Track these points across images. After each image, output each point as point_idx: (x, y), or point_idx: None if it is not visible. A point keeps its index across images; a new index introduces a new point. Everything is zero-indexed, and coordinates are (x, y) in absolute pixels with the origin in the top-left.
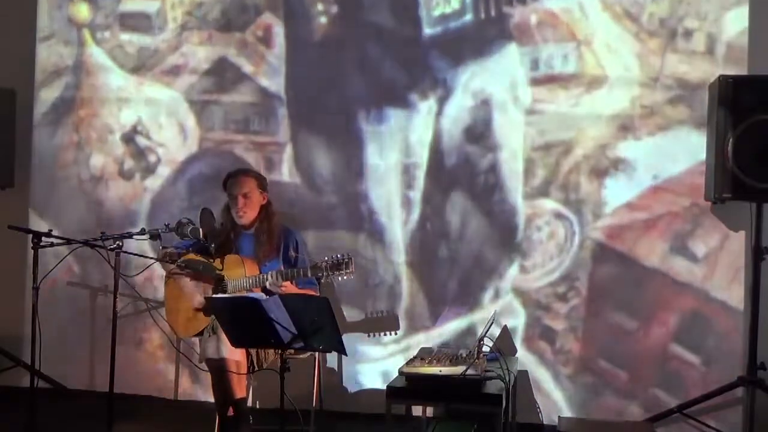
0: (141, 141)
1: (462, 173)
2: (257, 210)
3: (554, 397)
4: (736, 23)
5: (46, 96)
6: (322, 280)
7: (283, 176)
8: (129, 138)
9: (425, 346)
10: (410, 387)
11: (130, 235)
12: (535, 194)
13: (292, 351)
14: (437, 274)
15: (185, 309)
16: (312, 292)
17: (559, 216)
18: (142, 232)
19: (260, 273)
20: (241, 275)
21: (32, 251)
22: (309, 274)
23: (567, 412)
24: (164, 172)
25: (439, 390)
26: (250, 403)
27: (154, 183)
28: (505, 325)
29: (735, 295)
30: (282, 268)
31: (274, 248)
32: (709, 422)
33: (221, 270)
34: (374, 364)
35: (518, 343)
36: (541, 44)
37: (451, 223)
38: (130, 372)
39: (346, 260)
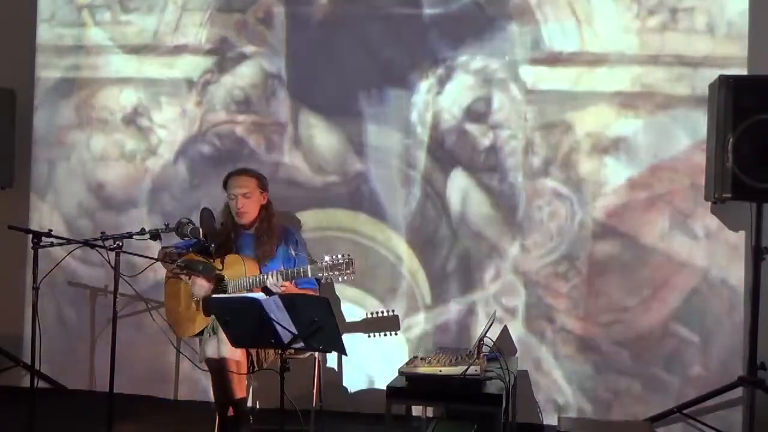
0: (142, 122)
1: (462, 152)
2: (257, 210)
3: (554, 376)
4: (736, 2)
5: (47, 77)
6: (322, 281)
7: (283, 156)
8: (130, 119)
9: (426, 325)
10: (410, 387)
11: (130, 235)
12: (536, 173)
13: (292, 351)
14: (438, 253)
15: (185, 309)
16: (312, 292)
17: (559, 195)
18: (142, 232)
19: (260, 273)
20: (241, 275)
21: (32, 251)
22: (309, 274)
23: (567, 390)
24: (165, 153)
25: (439, 390)
26: (250, 403)
27: (155, 164)
28: (505, 326)
29: (734, 273)
30: (282, 268)
31: (274, 248)
32: (709, 422)
33: (221, 270)
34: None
35: (518, 322)
36: (542, 23)
37: (452, 202)
38: (130, 372)
39: (347, 261)
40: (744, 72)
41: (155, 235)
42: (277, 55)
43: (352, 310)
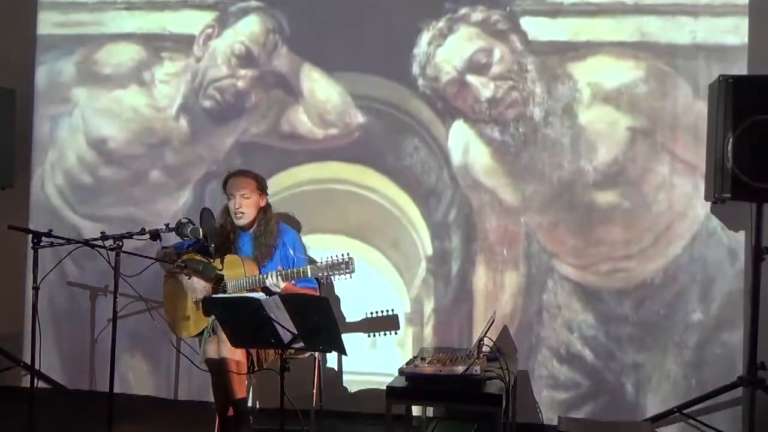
0: (143, 77)
1: (463, 104)
2: (255, 211)
3: (555, 325)
4: None
5: (48, 34)
6: (321, 281)
7: (285, 110)
8: (131, 75)
9: (428, 276)
10: (410, 387)
11: (130, 235)
12: (537, 124)
13: (292, 351)
14: (439, 202)
15: (185, 309)
16: (312, 292)
17: (560, 145)
18: (142, 231)
19: (260, 273)
20: (240, 275)
21: (32, 251)
22: (308, 274)
23: (569, 339)
24: (167, 108)
25: (439, 390)
26: (250, 403)
27: (156, 119)
28: (505, 326)
29: (734, 223)
30: (281, 268)
31: (272, 249)
32: (709, 422)
33: (221, 270)
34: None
35: (519, 269)
36: None
37: (453, 153)
38: (130, 372)
39: (346, 260)
40: (746, 21)
41: (155, 235)
42: (278, 9)
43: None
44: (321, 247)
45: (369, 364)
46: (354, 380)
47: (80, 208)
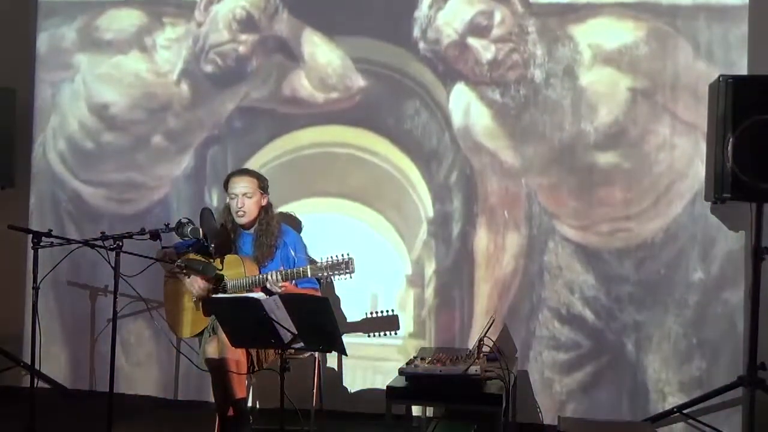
0: (145, 42)
1: (464, 67)
2: (257, 210)
3: (556, 286)
4: None
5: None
6: (321, 281)
7: (286, 74)
8: (132, 40)
9: (429, 238)
10: (410, 387)
11: (130, 235)
12: (538, 86)
13: (292, 351)
14: (440, 164)
15: (185, 309)
16: (312, 292)
17: (561, 106)
18: (142, 231)
19: (260, 273)
20: (240, 275)
21: (32, 251)
22: (309, 274)
23: (569, 299)
24: (168, 73)
25: (439, 390)
26: (250, 403)
27: (157, 84)
28: (505, 325)
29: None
30: (281, 268)
31: (273, 249)
32: (709, 422)
33: (221, 270)
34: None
35: (520, 230)
36: None
37: (454, 115)
38: (130, 372)
39: (346, 260)
40: None
41: (155, 235)
42: None
43: (351, 224)
44: (322, 210)
45: (370, 330)
46: (353, 342)
47: (81, 174)
